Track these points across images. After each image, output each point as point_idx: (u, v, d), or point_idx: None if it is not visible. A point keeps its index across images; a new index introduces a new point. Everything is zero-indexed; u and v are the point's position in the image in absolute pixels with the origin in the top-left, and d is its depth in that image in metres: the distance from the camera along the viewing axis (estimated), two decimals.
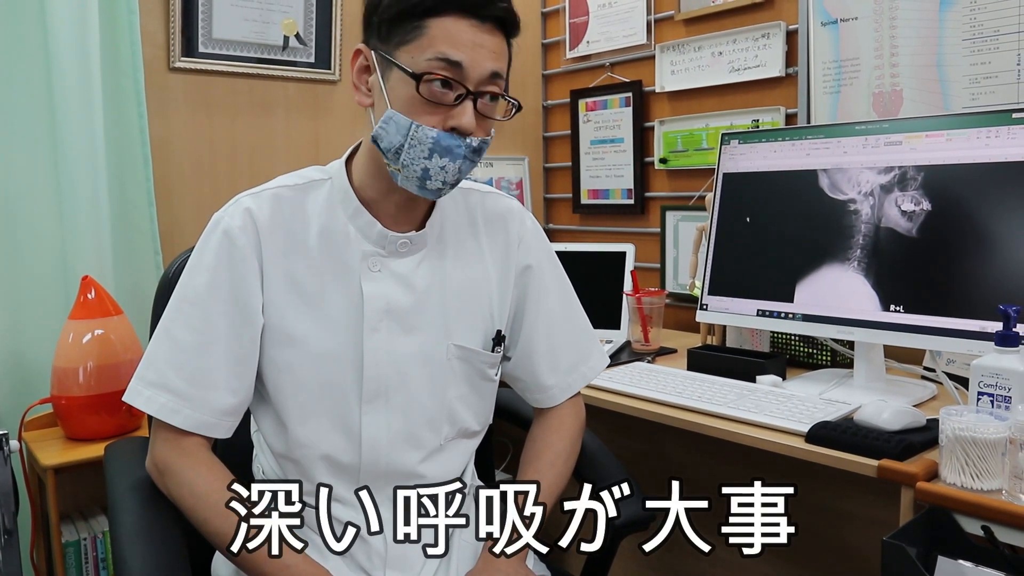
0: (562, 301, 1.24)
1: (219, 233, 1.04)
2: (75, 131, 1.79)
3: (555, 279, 1.24)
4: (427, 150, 0.98)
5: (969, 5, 1.65)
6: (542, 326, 1.20)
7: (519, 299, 1.20)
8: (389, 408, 1.08)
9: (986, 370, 1.17)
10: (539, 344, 1.21)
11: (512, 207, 1.21)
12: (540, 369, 1.21)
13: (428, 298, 1.10)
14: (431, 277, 1.11)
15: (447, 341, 1.11)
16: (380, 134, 1.00)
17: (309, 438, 1.07)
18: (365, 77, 1.04)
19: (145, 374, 1.03)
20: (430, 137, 0.98)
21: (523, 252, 1.20)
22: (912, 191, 1.45)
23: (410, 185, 1.02)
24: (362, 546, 1.08)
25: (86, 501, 1.88)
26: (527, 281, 1.20)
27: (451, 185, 1.02)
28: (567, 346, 1.23)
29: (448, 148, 0.99)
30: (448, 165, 1.00)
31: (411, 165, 0.99)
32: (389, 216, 1.08)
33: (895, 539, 1.02)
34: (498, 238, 1.18)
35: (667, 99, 2.29)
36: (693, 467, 1.91)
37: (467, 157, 1.01)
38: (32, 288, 1.81)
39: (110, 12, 1.87)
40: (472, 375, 1.15)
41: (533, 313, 1.20)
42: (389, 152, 1.00)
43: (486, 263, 1.16)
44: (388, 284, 1.08)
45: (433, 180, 1.00)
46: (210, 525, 0.98)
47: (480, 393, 1.17)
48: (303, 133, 2.23)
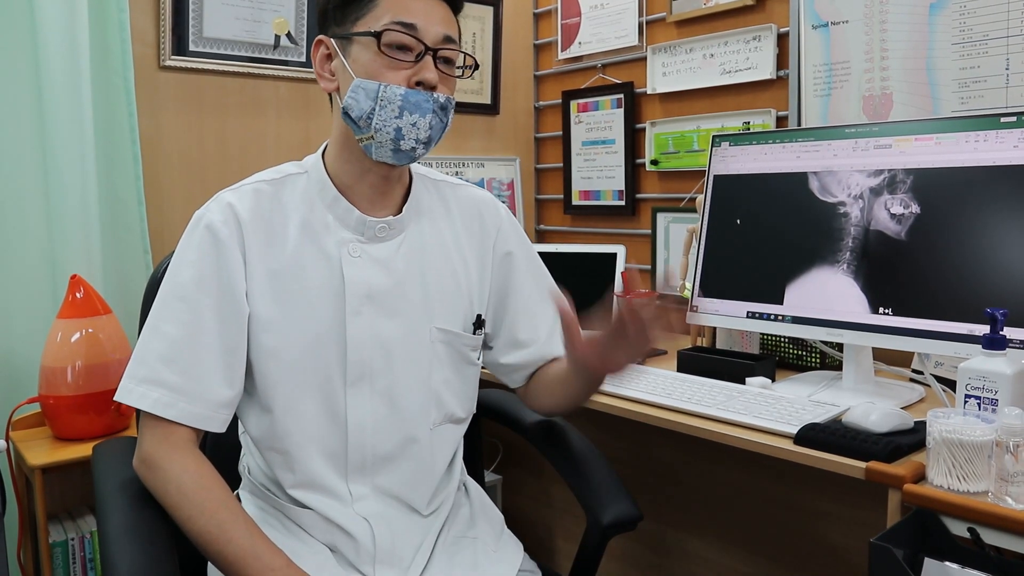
0: (541, 286, 1.27)
1: (201, 228, 1.06)
2: (64, 129, 1.78)
3: (535, 267, 1.27)
4: (397, 108, 1.03)
5: (959, 9, 1.66)
6: (523, 309, 1.24)
7: (501, 286, 1.23)
8: (374, 391, 1.09)
9: (973, 373, 1.18)
10: (521, 327, 1.24)
11: (485, 197, 1.25)
12: (522, 348, 1.24)
13: (408, 282, 1.12)
14: (410, 261, 1.13)
15: (429, 324, 1.14)
16: (350, 104, 1.04)
17: (296, 424, 1.07)
18: (327, 65, 1.10)
19: (136, 371, 1.03)
20: (398, 95, 1.03)
21: (501, 240, 1.23)
22: (901, 194, 1.45)
23: (384, 152, 1.06)
24: (352, 544, 1.08)
25: (74, 501, 1.87)
26: (508, 268, 1.23)
27: (423, 144, 1.06)
28: (547, 320, 1.26)
29: (417, 103, 1.04)
30: (419, 121, 1.04)
31: (383, 128, 1.04)
32: (366, 200, 1.11)
33: (882, 540, 1.02)
34: (473, 225, 1.21)
35: (658, 101, 2.29)
36: (682, 468, 1.92)
37: (435, 112, 1.05)
38: (20, 287, 1.80)
39: (100, 10, 1.86)
40: (455, 359, 1.17)
41: (515, 298, 1.24)
42: (361, 119, 1.04)
43: (463, 249, 1.19)
44: (369, 268, 1.10)
45: (406, 139, 1.05)
46: (194, 523, 0.98)
47: (463, 378, 1.19)
48: (294, 133, 2.23)
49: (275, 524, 1.10)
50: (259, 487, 1.13)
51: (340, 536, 1.08)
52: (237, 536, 0.96)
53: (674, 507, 1.92)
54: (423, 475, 1.14)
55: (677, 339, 2.10)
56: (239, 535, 0.97)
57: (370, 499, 1.10)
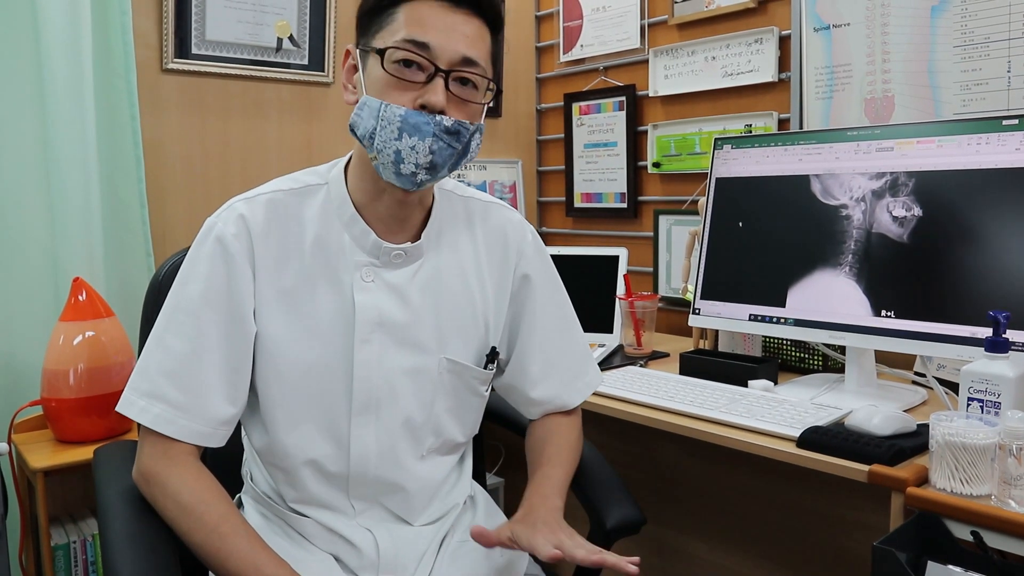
0: (559, 317, 1.23)
1: (212, 240, 1.02)
2: (67, 132, 1.78)
3: (553, 294, 1.22)
4: (396, 130, 0.97)
5: (960, 12, 1.66)
6: (537, 340, 1.19)
7: (516, 311, 1.19)
8: (379, 420, 1.07)
9: (976, 376, 1.18)
10: (534, 358, 1.19)
11: (513, 219, 1.20)
12: (533, 384, 1.20)
13: (422, 311, 1.08)
14: (426, 290, 1.09)
15: (440, 355, 1.10)
16: (355, 121, 1.02)
17: (297, 446, 1.06)
18: (353, 76, 1.06)
19: (139, 384, 1.01)
20: (398, 115, 0.97)
21: (523, 263, 1.18)
22: (903, 197, 1.45)
23: (388, 174, 1.00)
24: (355, 553, 1.07)
25: (76, 504, 1.87)
26: (525, 292, 1.19)
27: (426, 170, 0.99)
28: (562, 362, 1.22)
29: (416, 125, 0.97)
30: (418, 144, 0.97)
31: (384, 149, 0.98)
32: (382, 223, 1.07)
33: (885, 544, 1.02)
34: (496, 249, 1.17)
35: (660, 103, 2.29)
36: (685, 471, 1.92)
37: (437, 136, 0.98)
38: (23, 289, 1.80)
39: (102, 12, 1.86)
40: (461, 389, 1.14)
41: (529, 325, 1.19)
42: (365, 138, 1.00)
43: (483, 276, 1.15)
44: (381, 295, 1.06)
45: (406, 163, 0.98)
46: (194, 537, 0.97)
47: (468, 407, 1.16)
48: (296, 135, 2.23)
49: (278, 532, 1.10)
50: (262, 495, 1.12)
51: (343, 545, 1.07)
52: (238, 550, 0.95)
53: (677, 510, 1.92)
54: (424, 497, 1.12)
55: (680, 341, 2.10)
56: (240, 548, 0.95)
57: (372, 512, 1.10)
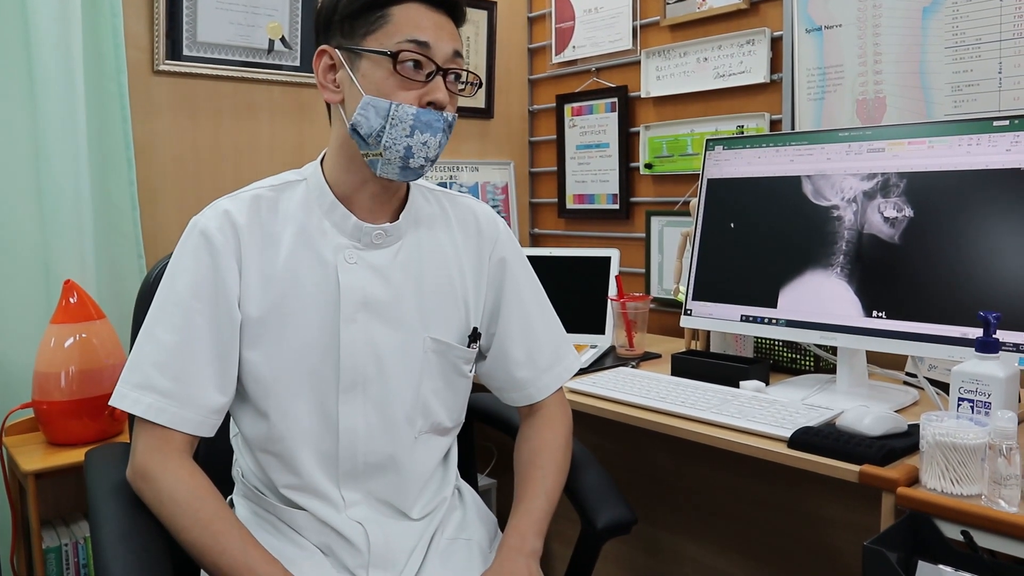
0: (537, 300, 1.26)
1: (197, 234, 1.06)
2: (58, 134, 1.78)
3: (529, 279, 1.26)
4: (408, 127, 1.04)
5: (952, 13, 1.67)
6: (517, 323, 1.22)
7: (495, 295, 1.22)
8: (366, 399, 1.10)
9: (966, 376, 1.18)
10: (515, 340, 1.22)
11: (483, 209, 1.25)
12: (516, 366, 1.23)
13: (405, 290, 1.12)
14: (407, 269, 1.13)
15: (424, 334, 1.13)
16: (359, 121, 1.04)
17: (291, 428, 1.08)
18: (331, 75, 1.09)
19: (130, 377, 1.03)
20: (410, 114, 1.03)
21: (498, 248, 1.23)
22: (895, 198, 1.46)
23: (390, 169, 1.06)
24: (346, 546, 1.08)
25: (67, 506, 1.86)
26: (503, 276, 1.22)
27: (431, 161, 1.07)
28: (543, 344, 1.25)
29: (428, 123, 1.05)
30: (429, 140, 1.05)
31: (393, 146, 1.04)
32: (364, 209, 1.11)
33: (876, 544, 1.02)
34: (471, 235, 1.21)
35: (652, 104, 2.30)
36: (676, 472, 1.92)
37: (444, 131, 1.07)
38: (13, 292, 1.79)
39: (93, 14, 1.85)
40: (447, 369, 1.17)
41: (508, 309, 1.22)
42: (370, 137, 1.04)
43: (461, 259, 1.19)
44: (365, 276, 1.10)
45: (416, 157, 1.05)
46: (188, 535, 0.98)
47: (453, 389, 1.19)
48: (287, 137, 2.22)
49: (268, 528, 1.11)
50: (252, 490, 1.14)
51: (334, 538, 1.09)
52: (231, 547, 0.97)
53: (668, 510, 1.92)
54: (411, 482, 1.14)
55: (672, 342, 2.11)
56: (233, 546, 0.97)
57: (362, 505, 1.11)
